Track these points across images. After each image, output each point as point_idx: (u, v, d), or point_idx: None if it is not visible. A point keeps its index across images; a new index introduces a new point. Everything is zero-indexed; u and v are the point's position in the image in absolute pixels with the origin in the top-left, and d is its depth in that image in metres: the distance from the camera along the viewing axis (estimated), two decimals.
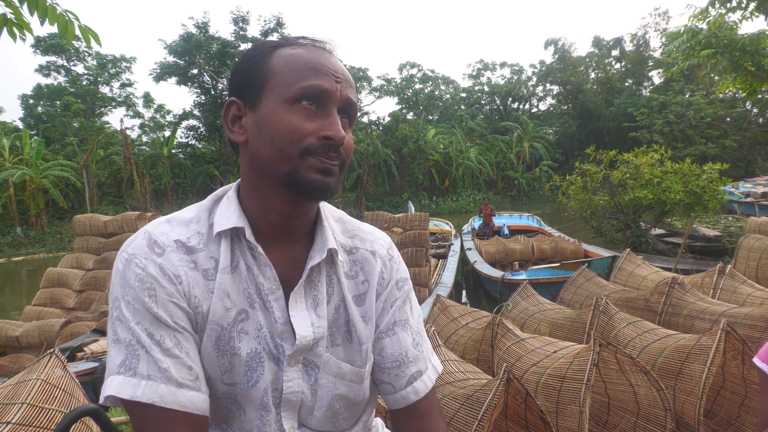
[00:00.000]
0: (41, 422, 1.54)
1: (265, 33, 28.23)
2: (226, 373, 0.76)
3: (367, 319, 0.86)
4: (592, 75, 39.19)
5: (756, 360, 1.22)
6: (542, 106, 42.70)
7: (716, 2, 8.10)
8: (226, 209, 0.79)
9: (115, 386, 0.67)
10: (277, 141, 0.72)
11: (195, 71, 28.29)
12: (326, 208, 0.88)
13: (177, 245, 0.74)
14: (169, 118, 33.45)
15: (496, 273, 7.46)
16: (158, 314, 0.70)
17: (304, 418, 0.81)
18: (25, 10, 2.50)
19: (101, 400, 0.69)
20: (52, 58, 28.98)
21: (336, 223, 0.88)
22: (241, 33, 28.14)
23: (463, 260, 9.65)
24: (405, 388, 0.86)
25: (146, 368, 0.68)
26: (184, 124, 30.59)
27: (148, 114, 33.94)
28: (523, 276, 6.83)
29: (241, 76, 0.77)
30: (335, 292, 0.84)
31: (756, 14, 8.09)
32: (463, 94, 42.43)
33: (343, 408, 0.83)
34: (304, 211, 0.81)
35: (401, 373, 0.86)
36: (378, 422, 1.01)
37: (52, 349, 1.83)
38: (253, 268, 0.78)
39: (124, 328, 0.69)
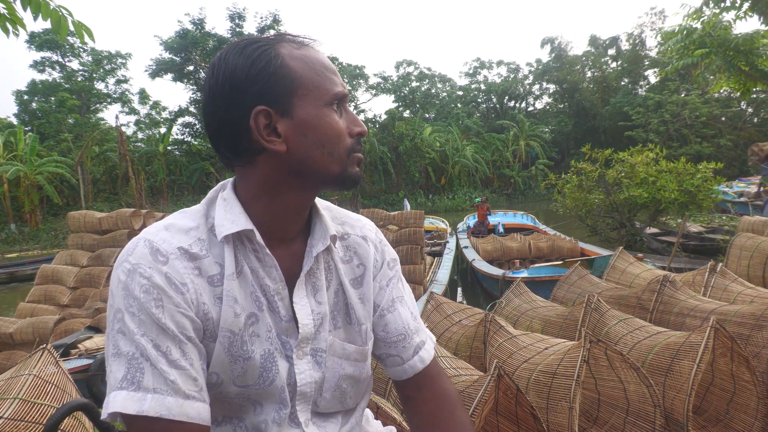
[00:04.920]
0: (33, 417, 1.54)
1: (262, 30, 28.18)
2: (238, 377, 0.76)
3: (365, 301, 0.90)
4: (589, 74, 39.27)
5: None
6: (538, 105, 42.82)
7: (710, 2, 8.13)
8: (228, 212, 0.77)
9: (119, 402, 0.65)
10: (328, 145, 0.76)
11: (191, 68, 28.23)
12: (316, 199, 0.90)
13: (180, 252, 0.73)
14: (164, 114, 33.31)
15: (496, 271, 7.44)
16: (165, 325, 0.69)
17: (314, 404, 0.84)
18: (18, 6, 2.49)
19: (104, 416, 0.68)
20: (47, 54, 28.78)
21: (325, 211, 0.89)
22: (238, 30, 28.09)
23: (459, 258, 9.65)
24: (412, 358, 0.93)
25: (152, 381, 0.67)
26: (180, 120, 30.55)
27: (143, 110, 33.78)
28: (524, 274, 6.80)
29: (261, 82, 0.73)
30: (333, 277, 0.87)
31: (750, 14, 8.13)
32: (460, 92, 42.45)
33: (350, 387, 0.88)
34: (312, 202, 0.85)
35: (407, 345, 0.93)
36: (368, 413, 1.05)
37: (44, 345, 1.84)
38: (258, 271, 0.78)
39: (128, 341, 0.68)
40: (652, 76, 36.80)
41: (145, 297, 0.68)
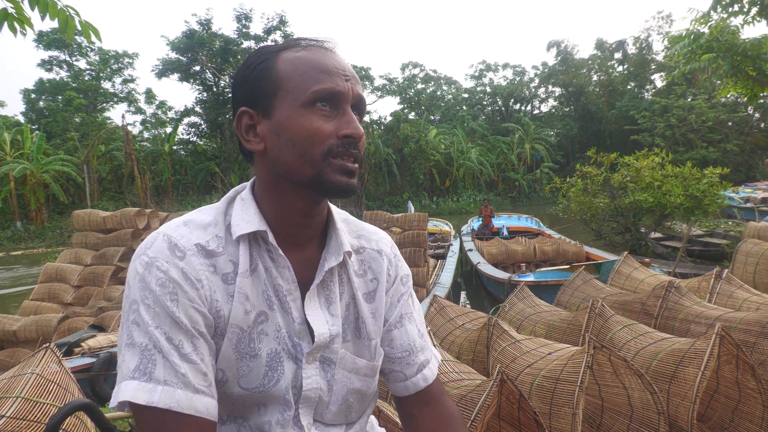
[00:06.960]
0: (35, 416, 1.54)
1: (268, 31, 28.25)
2: (243, 377, 0.77)
3: (377, 316, 0.90)
4: (595, 77, 39.22)
5: None
6: (544, 108, 42.76)
7: (718, 6, 8.09)
8: (244, 212, 0.79)
9: (129, 392, 0.66)
10: (299, 146, 0.74)
11: (197, 68, 28.31)
12: (333, 209, 0.90)
13: (197, 249, 0.75)
14: (170, 114, 33.51)
15: (502, 274, 7.40)
16: (179, 319, 0.70)
17: (319, 414, 0.84)
18: (25, 5, 2.51)
19: (113, 404, 0.68)
20: (55, 53, 28.97)
21: (342, 223, 0.90)
22: (244, 30, 28.18)
23: (462, 261, 9.62)
24: (415, 376, 0.92)
25: (163, 373, 0.67)
26: (186, 120, 30.66)
27: (149, 110, 33.98)
28: (531, 278, 6.76)
29: (249, 85, 0.77)
30: (346, 290, 0.87)
31: (758, 19, 8.07)
32: (465, 95, 42.43)
33: (356, 401, 0.87)
34: (320, 209, 0.84)
35: (411, 362, 0.92)
36: (372, 419, 1.04)
37: (47, 344, 1.84)
38: (271, 270, 0.79)
39: (141, 332, 0.69)
40: (659, 80, 36.79)
41: (160, 290, 0.70)
